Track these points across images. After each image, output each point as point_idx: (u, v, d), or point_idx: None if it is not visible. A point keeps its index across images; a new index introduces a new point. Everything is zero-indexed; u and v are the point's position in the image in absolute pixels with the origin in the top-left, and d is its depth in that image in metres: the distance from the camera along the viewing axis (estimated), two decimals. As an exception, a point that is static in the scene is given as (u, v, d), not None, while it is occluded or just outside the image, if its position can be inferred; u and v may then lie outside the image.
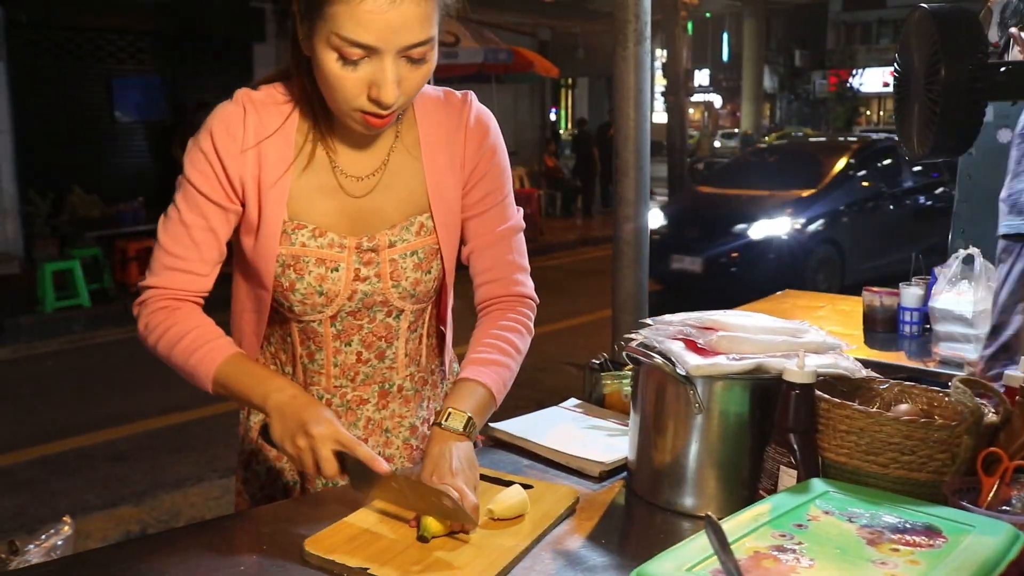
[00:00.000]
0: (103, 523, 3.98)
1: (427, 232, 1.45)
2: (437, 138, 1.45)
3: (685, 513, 1.36)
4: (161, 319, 1.38)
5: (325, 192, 1.40)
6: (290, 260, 1.39)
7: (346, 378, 1.51)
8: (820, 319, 3.08)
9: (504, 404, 1.46)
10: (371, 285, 1.43)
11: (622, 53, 2.87)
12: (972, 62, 1.31)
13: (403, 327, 1.50)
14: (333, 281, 1.40)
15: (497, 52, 12.19)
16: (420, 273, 1.45)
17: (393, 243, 1.43)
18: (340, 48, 1.22)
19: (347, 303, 1.43)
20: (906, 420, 1.19)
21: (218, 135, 1.35)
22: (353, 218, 1.42)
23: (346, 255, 1.41)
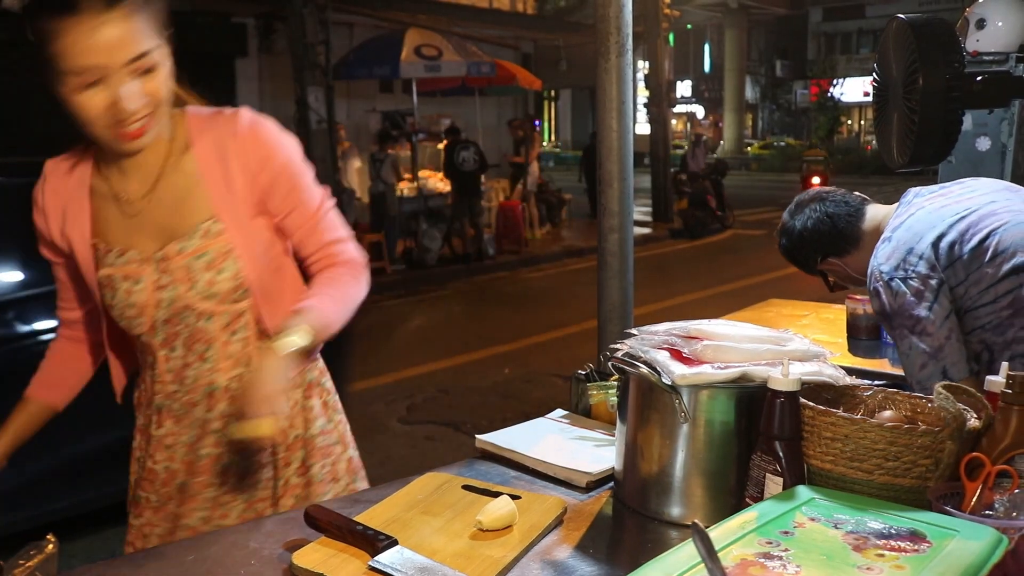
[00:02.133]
0: (87, 543, 3.94)
1: (213, 235, 1.55)
2: (211, 150, 1.55)
3: (672, 522, 1.36)
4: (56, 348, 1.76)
5: (115, 216, 1.57)
6: (105, 281, 1.57)
7: (178, 382, 1.61)
8: (804, 327, 3.09)
9: (492, 416, 1.46)
10: (172, 291, 1.54)
11: (604, 65, 2.88)
12: (949, 71, 1.33)
13: (216, 328, 1.58)
14: (138, 293, 1.55)
15: (480, 65, 12.22)
16: (212, 273, 1.54)
17: (182, 250, 1.54)
18: (73, 80, 1.37)
19: (156, 311, 1.55)
20: (890, 426, 1.20)
21: (35, 201, 1.61)
22: (147, 234, 1.56)
23: (146, 267, 1.55)
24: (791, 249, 2.14)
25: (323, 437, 1.72)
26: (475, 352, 7.23)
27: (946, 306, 1.81)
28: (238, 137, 1.55)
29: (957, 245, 1.81)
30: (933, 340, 1.82)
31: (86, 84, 1.37)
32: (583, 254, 12.40)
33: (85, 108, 1.39)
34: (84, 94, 1.38)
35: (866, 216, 2.03)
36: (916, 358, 1.86)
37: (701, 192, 15.26)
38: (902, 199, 2.00)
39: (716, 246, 14.29)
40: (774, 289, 8.92)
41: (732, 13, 35.50)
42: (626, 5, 2.88)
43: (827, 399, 1.38)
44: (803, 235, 2.09)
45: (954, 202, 1.89)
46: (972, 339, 1.84)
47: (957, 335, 1.82)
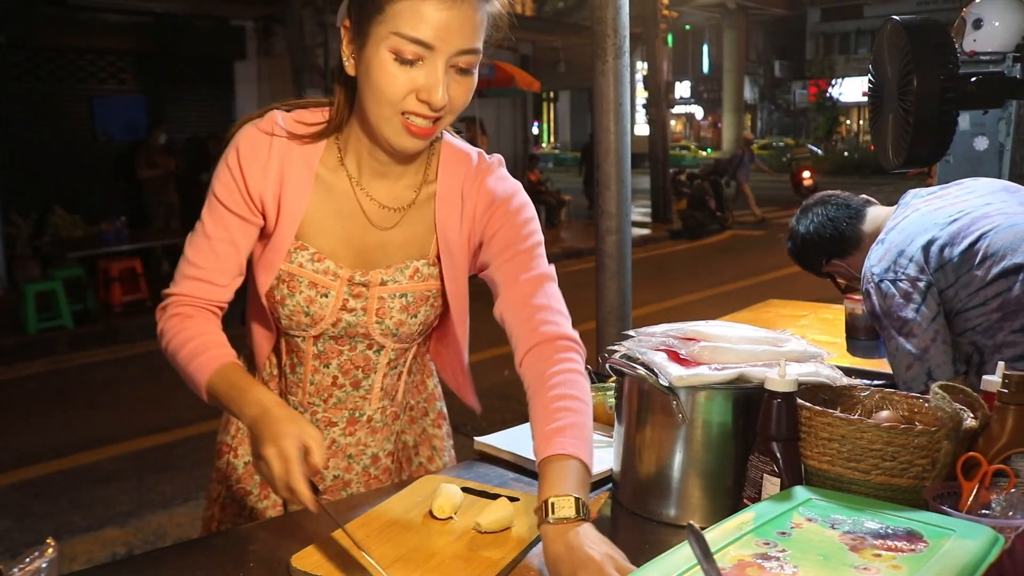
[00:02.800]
0: (89, 545, 3.94)
1: (421, 278, 1.45)
2: (454, 189, 1.44)
3: (670, 523, 1.37)
4: (174, 324, 1.39)
5: (340, 218, 1.42)
6: (286, 276, 1.42)
7: (319, 398, 1.53)
8: (803, 327, 3.09)
9: (491, 417, 1.47)
10: (356, 317, 1.45)
11: (601, 67, 2.89)
12: (943, 72, 1.33)
13: (382, 362, 1.52)
14: (321, 305, 1.43)
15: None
16: (406, 315, 1.46)
17: (384, 282, 1.44)
18: (398, 47, 1.22)
19: (331, 328, 1.45)
20: (887, 427, 1.20)
21: (243, 151, 1.38)
22: (355, 251, 1.44)
23: (338, 284, 1.43)
24: (797, 252, 2.20)
25: None
26: (474, 354, 7.16)
27: (934, 308, 1.83)
28: (480, 189, 1.43)
29: (947, 248, 1.83)
30: (919, 342, 1.84)
31: (407, 57, 1.23)
32: (582, 255, 12.40)
33: (391, 81, 1.24)
34: (399, 66, 1.23)
35: (867, 218, 2.06)
36: (902, 359, 1.89)
37: (700, 193, 15.27)
38: (900, 201, 2.01)
39: (715, 247, 14.29)
40: (773, 289, 8.93)
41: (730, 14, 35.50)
42: (623, 8, 2.89)
43: (824, 400, 1.39)
44: (807, 239, 2.14)
45: (949, 204, 1.90)
46: (963, 341, 1.85)
47: (944, 337, 1.84)
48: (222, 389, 1.31)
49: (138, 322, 7.86)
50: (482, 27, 1.27)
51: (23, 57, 10.42)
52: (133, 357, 7.32)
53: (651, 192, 16.53)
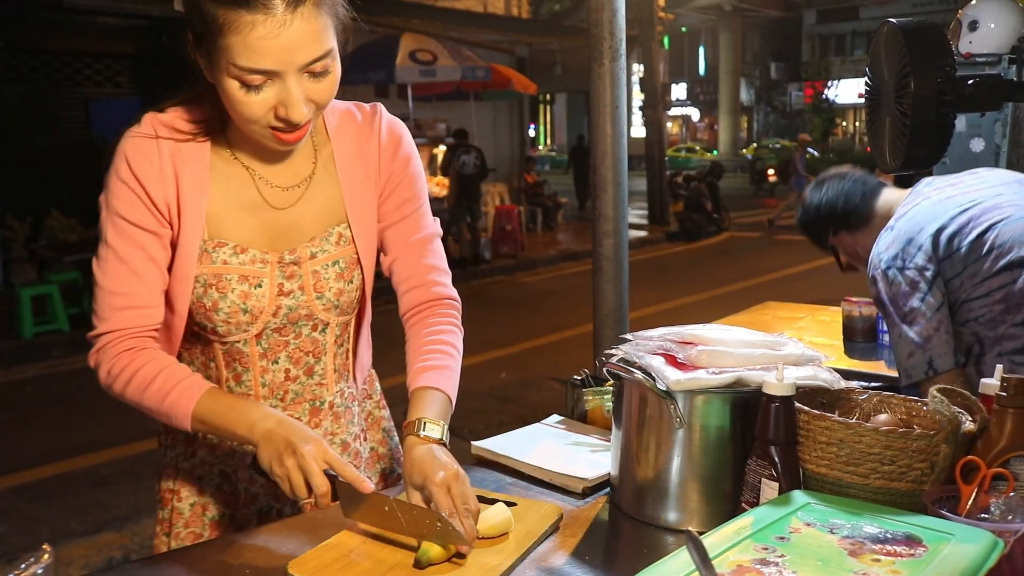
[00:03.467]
0: (85, 550, 3.93)
1: (346, 242, 1.45)
2: (351, 151, 1.45)
3: (669, 527, 1.36)
4: (124, 364, 1.33)
5: (246, 208, 1.39)
6: (211, 279, 1.37)
7: (275, 398, 1.48)
8: (801, 330, 3.10)
9: (488, 420, 1.47)
10: (295, 299, 1.42)
11: (598, 70, 2.89)
12: (940, 75, 1.33)
13: (330, 341, 1.50)
14: (257, 298, 1.39)
15: (475, 69, 12.22)
16: (343, 283, 1.45)
17: (314, 254, 1.42)
18: (240, 77, 1.21)
19: (272, 319, 1.41)
20: (885, 430, 1.20)
21: (134, 160, 1.33)
22: (273, 232, 1.41)
23: (268, 270, 1.39)
24: (806, 222, 2.22)
25: None
26: (472, 356, 7.19)
27: (939, 298, 1.84)
28: (379, 140, 1.46)
29: (956, 238, 1.84)
30: (923, 330, 1.85)
31: (254, 84, 1.22)
32: (579, 258, 12.40)
33: (245, 107, 1.24)
34: (248, 94, 1.23)
35: (880, 197, 2.05)
36: (905, 346, 1.90)
37: (697, 195, 15.28)
38: (913, 188, 2.02)
39: (712, 249, 14.31)
40: (770, 291, 8.94)
41: (726, 16, 35.58)
42: (619, 10, 2.89)
43: (822, 403, 1.38)
44: (819, 208, 2.15)
45: (961, 193, 1.90)
46: (965, 331, 1.86)
47: (947, 327, 1.85)
48: (216, 414, 1.29)
49: (134, 326, 7.83)
50: (326, 28, 1.25)
51: (20, 60, 10.40)
52: (130, 361, 7.29)
53: (648, 194, 16.55)
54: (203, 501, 1.51)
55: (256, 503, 1.51)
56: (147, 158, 1.33)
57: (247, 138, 1.36)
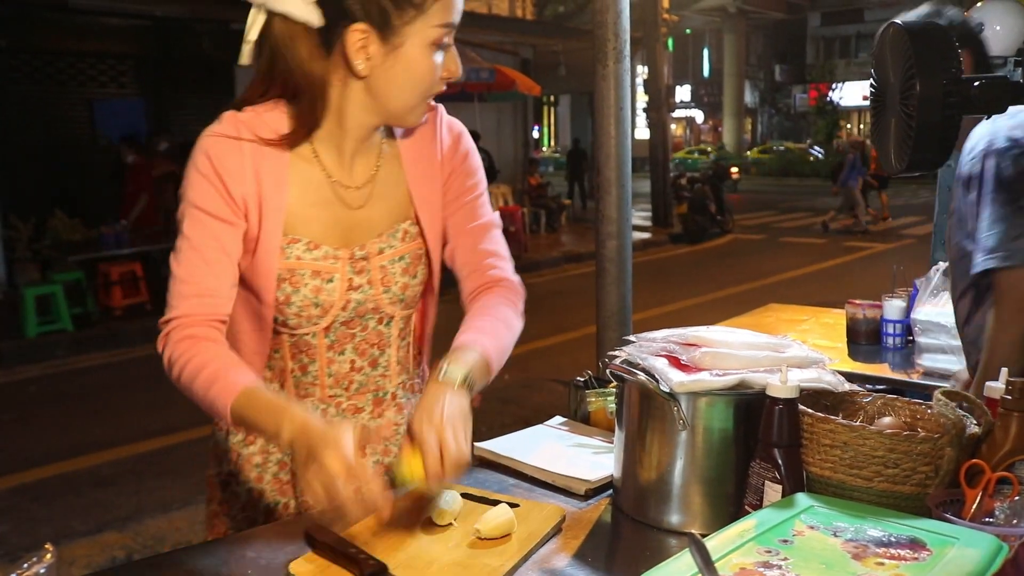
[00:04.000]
0: (87, 549, 3.93)
1: (411, 238, 1.50)
2: (415, 149, 1.51)
3: (671, 530, 1.36)
4: (183, 350, 1.34)
5: (320, 205, 1.44)
6: (285, 274, 1.41)
7: (340, 387, 1.52)
8: (804, 332, 3.09)
9: (491, 422, 1.47)
10: (363, 293, 1.46)
11: (602, 71, 2.88)
12: (946, 77, 1.33)
13: (394, 333, 1.54)
14: (328, 292, 1.43)
15: (479, 71, 12.23)
16: (408, 278, 1.50)
17: (382, 250, 1.47)
18: (439, 38, 1.35)
19: (341, 313, 1.46)
20: (889, 433, 1.19)
21: (215, 155, 1.36)
22: (344, 229, 1.45)
23: (340, 266, 1.44)
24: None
25: None
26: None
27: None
28: (440, 136, 1.52)
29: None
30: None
31: (445, 42, 1.37)
32: (582, 259, 12.40)
33: (433, 69, 1.36)
34: (435, 53, 1.36)
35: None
36: (1013, 229, 1.86)
37: (700, 197, 15.27)
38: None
39: (716, 251, 14.30)
40: (774, 294, 8.94)
41: (731, 18, 35.57)
42: (623, 12, 2.89)
43: (826, 406, 1.38)
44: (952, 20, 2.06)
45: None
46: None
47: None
48: (250, 411, 1.28)
49: (138, 326, 7.85)
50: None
51: (23, 61, 10.43)
52: (133, 361, 7.31)
53: (651, 196, 16.54)
54: (260, 488, 1.55)
55: None
56: (228, 155, 1.37)
57: (327, 138, 1.43)
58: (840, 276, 11.20)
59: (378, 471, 1.53)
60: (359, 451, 1.18)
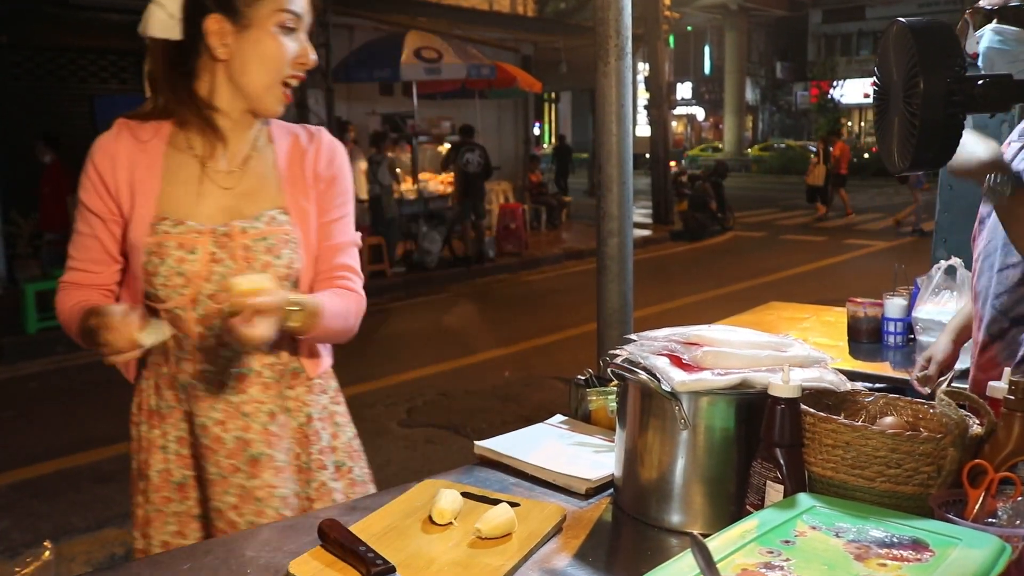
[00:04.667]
0: (88, 546, 3.93)
1: (277, 224, 1.64)
2: (293, 151, 1.70)
3: (672, 529, 1.36)
4: (61, 299, 1.67)
5: (190, 187, 1.63)
6: (154, 247, 1.59)
7: (209, 362, 1.63)
8: (805, 330, 3.09)
9: (492, 419, 1.47)
10: (226, 267, 1.59)
11: (603, 68, 2.87)
12: (949, 75, 1.32)
13: None
14: (191, 263, 1.59)
15: (480, 68, 12.21)
16: (271, 257, 1.62)
17: (245, 230, 1.62)
18: (283, 21, 1.56)
19: (206, 284, 1.59)
20: (892, 433, 1.19)
21: (96, 157, 1.63)
22: (212, 209, 1.63)
23: (203, 240, 1.60)
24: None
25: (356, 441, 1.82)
26: (475, 355, 7.23)
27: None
28: (318, 147, 1.71)
29: None
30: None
31: (289, 28, 1.57)
32: (583, 256, 12.40)
33: (280, 50, 1.58)
34: (284, 37, 1.57)
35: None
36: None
37: (701, 194, 15.26)
38: None
39: (716, 248, 14.29)
40: (774, 291, 8.93)
41: (732, 15, 35.51)
42: (625, 9, 2.88)
43: (828, 405, 1.37)
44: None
45: None
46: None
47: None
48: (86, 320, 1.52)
49: (138, 322, 7.83)
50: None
51: (25, 56, 10.42)
52: (133, 357, 7.29)
53: (652, 193, 16.52)
54: (167, 468, 1.68)
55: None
56: (105, 152, 1.63)
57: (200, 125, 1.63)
58: (841, 274, 11.19)
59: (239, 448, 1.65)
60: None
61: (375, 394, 6.14)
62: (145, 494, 1.71)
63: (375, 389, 6.26)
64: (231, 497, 1.64)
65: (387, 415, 5.72)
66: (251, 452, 1.64)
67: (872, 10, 37.49)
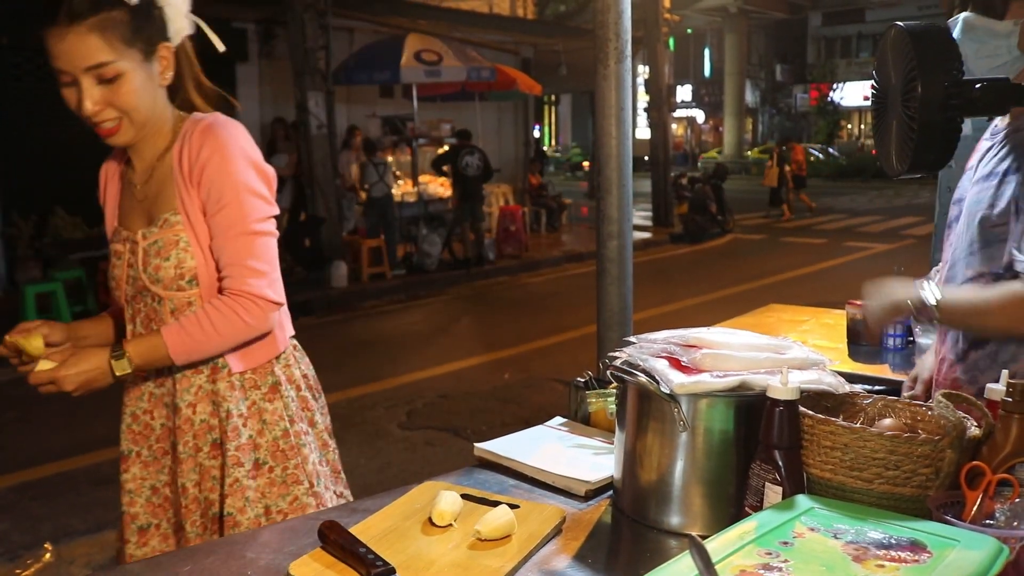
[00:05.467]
0: (87, 548, 3.93)
1: (168, 226, 1.72)
2: (182, 149, 1.73)
3: (672, 531, 1.36)
4: None
5: (123, 198, 1.83)
6: (112, 253, 1.81)
7: None
8: (804, 333, 3.09)
9: (491, 420, 1.47)
10: (134, 271, 1.75)
11: (603, 72, 2.88)
12: (947, 78, 1.33)
13: (166, 312, 1.75)
14: (117, 268, 1.80)
15: (480, 70, 12.21)
16: (159, 259, 1.72)
17: (144, 235, 1.74)
18: (59, 76, 1.65)
19: (128, 288, 1.78)
20: (890, 435, 1.19)
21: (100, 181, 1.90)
22: (135, 219, 1.79)
23: (124, 247, 1.78)
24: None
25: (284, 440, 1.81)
26: (475, 357, 7.23)
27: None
28: (189, 139, 1.72)
29: None
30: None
31: (64, 82, 1.65)
32: (583, 259, 12.40)
33: (66, 101, 1.67)
34: (65, 89, 1.66)
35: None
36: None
37: (701, 197, 15.26)
38: None
39: (716, 251, 14.29)
40: (774, 294, 8.93)
41: (732, 18, 35.53)
42: (625, 12, 2.88)
43: (827, 407, 1.38)
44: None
45: None
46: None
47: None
48: None
49: (138, 324, 7.83)
50: (105, 43, 1.61)
51: (25, 58, 10.40)
52: (133, 359, 7.29)
53: (652, 196, 16.52)
54: (133, 512, 1.84)
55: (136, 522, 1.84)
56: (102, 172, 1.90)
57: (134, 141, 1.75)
58: (841, 276, 11.19)
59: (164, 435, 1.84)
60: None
61: (375, 396, 6.15)
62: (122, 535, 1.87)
63: (375, 391, 6.26)
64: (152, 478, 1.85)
65: (387, 417, 5.73)
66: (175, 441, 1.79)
67: (872, 13, 37.51)
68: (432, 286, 10.77)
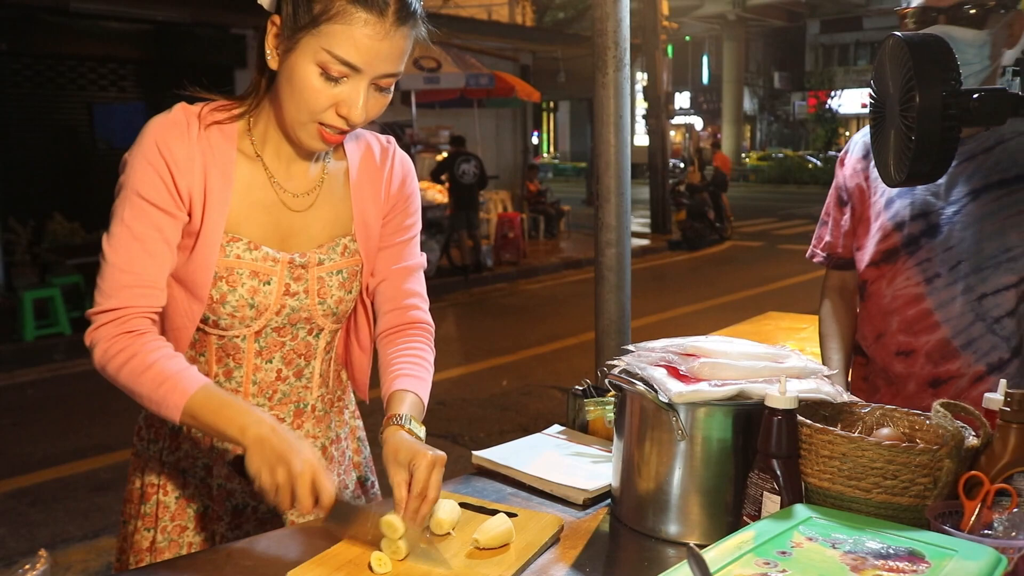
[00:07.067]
0: (84, 554, 3.92)
1: (350, 254, 1.52)
2: (364, 171, 1.54)
3: (670, 540, 1.36)
4: (122, 346, 1.33)
5: (262, 206, 1.44)
6: (223, 272, 1.40)
7: (264, 396, 1.51)
8: (802, 340, 3.09)
9: (489, 428, 1.47)
10: (299, 300, 1.47)
11: (602, 79, 2.89)
12: (945, 88, 1.33)
13: (321, 346, 1.54)
14: (264, 294, 1.43)
15: (479, 77, 12.24)
16: (343, 292, 1.51)
17: (322, 261, 1.48)
18: (326, 64, 1.29)
19: (275, 318, 1.46)
20: (888, 445, 1.19)
21: (164, 144, 1.35)
22: (284, 234, 1.46)
23: (279, 269, 1.44)
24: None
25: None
26: (473, 364, 7.23)
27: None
28: (391, 169, 1.56)
29: None
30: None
31: (333, 75, 1.29)
32: (581, 266, 12.41)
33: (314, 94, 1.30)
34: (323, 81, 1.30)
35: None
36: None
37: (699, 204, 15.28)
38: None
39: (714, 258, 14.30)
40: (772, 301, 8.94)
41: (730, 25, 35.64)
42: (623, 20, 2.89)
43: (825, 416, 1.38)
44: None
45: None
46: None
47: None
48: (209, 410, 1.28)
49: (136, 330, 7.82)
50: (407, 52, 1.35)
51: (24, 64, 10.42)
52: (131, 365, 7.28)
53: (650, 203, 16.54)
54: (188, 494, 1.53)
55: (232, 499, 1.52)
56: (178, 144, 1.36)
57: (270, 139, 1.44)
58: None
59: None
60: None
61: (373, 403, 6.09)
62: (155, 521, 1.55)
63: (372, 398, 6.24)
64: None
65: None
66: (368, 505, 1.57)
67: (870, 20, 37.63)
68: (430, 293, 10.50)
